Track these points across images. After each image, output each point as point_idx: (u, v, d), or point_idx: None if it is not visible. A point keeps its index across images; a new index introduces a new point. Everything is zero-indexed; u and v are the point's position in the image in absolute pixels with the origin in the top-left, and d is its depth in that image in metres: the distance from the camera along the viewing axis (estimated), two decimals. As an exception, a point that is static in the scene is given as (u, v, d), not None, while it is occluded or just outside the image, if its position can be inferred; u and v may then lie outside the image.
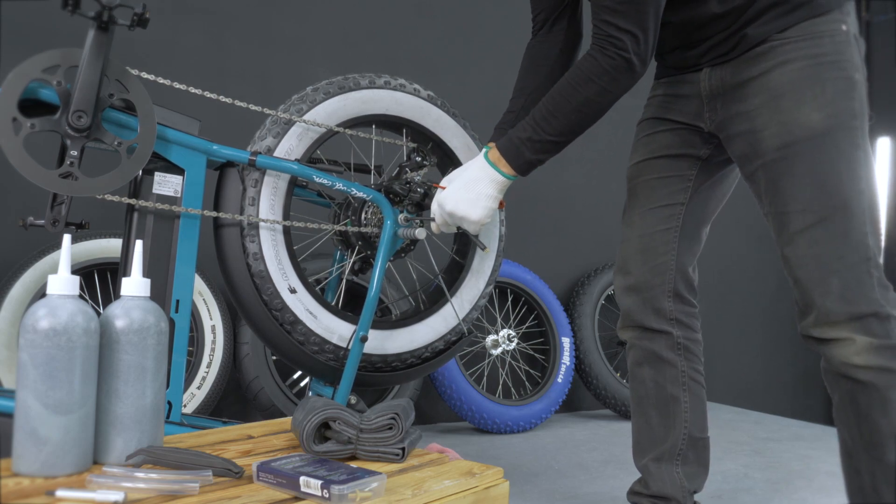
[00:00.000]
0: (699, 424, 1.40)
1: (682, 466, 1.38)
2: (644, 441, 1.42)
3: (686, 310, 1.43)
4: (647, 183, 1.41)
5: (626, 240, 1.45)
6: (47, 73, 1.16)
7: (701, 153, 1.38)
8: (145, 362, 0.95)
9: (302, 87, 1.53)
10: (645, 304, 1.40)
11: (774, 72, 1.20)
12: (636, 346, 1.43)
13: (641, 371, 1.42)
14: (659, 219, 1.40)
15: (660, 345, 1.40)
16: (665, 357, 1.40)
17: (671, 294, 1.40)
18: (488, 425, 2.48)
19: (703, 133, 1.36)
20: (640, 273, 1.40)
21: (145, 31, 2.08)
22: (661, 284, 1.39)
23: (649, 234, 1.40)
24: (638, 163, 1.44)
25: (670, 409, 1.39)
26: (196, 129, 1.35)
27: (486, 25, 2.97)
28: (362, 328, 1.41)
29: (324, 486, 0.85)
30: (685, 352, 1.41)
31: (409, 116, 1.56)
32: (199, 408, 2.01)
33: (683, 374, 1.40)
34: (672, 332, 1.40)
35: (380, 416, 1.07)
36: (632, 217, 1.44)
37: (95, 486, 0.83)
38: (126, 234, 1.31)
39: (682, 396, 1.39)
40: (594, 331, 2.87)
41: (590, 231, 3.23)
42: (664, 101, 1.41)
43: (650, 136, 1.43)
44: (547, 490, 1.83)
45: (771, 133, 1.20)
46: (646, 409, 1.41)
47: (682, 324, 1.41)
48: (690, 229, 1.42)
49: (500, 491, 1.05)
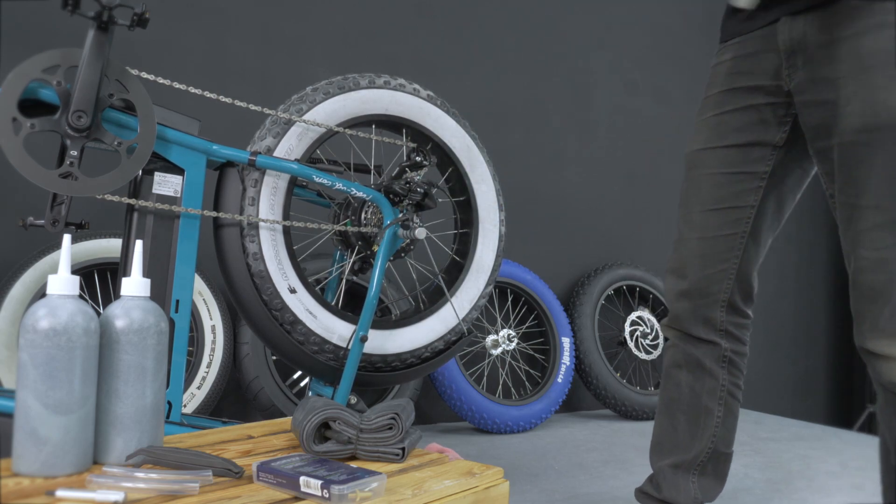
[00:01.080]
0: (727, 439, 1.34)
1: (700, 478, 1.33)
2: (666, 444, 1.35)
3: (738, 321, 1.32)
4: (713, 177, 1.26)
5: (684, 239, 1.31)
6: (47, 73, 1.16)
7: (776, 139, 1.22)
8: (145, 362, 0.95)
9: (302, 87, 1.53)
10: (696, 311, 1.30)
11: (869, 36, 1.05)
12: (678, 347, 1.34)
13: (678, 374, 1.34)
14: (724, 222, 1.26)
15: (704, 353, 1.31)
16: (707, 367, 1.31)
17: (725, 304, 1.29)
18: (488, 425, 2.48)
19: (779, 105, 1.20)
20: (697, 279, 1.29)
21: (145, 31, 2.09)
22: (717, 293, 1.28)
23: (711, 237, 1.27)
24: (702, 149, 1.28)
25: (701, 421, 1.32)
26: (196, 129, 1.35)
27: (486, 25, 2.97)
28: (362, 328, 1.41)
29: (324, 486, 0.85)
30: (729, 365, 1.32)
31: (408, 116, 1.56)
32: (199, 408, 2.01)
33: (723, 388, 1.32)
34: (720, 344, 1.31)
35: (380, 416, 1.07)
36: (692, 215, 1.30)
37: (95, 486, 0.83)
38: (126, 234, 1.31)
39: (716, 410, 1.32)
40: (594, 331, 2.87)
41: (590, 231, 3.23)
42: (734, 65, 1.25)
43: (717, 117, 1.26)
44: (547, 490, 1.83)
45: (853, 110, 1.06)
46: (674, 413, 1.34)
47: (731, 336, 1.32)
48: (761, 234, 1.28)
49: (500, 491, 1.05)
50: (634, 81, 3.40)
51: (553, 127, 3.13)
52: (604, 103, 3.29)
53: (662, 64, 3.49)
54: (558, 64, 3.18)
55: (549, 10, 3.15)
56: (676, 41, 3.58)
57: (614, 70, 3.34)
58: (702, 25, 3.65)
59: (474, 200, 1.65)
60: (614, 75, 3.34)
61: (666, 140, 3.48)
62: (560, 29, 3.18)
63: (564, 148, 3.17)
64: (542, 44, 3.13)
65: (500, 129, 2.97)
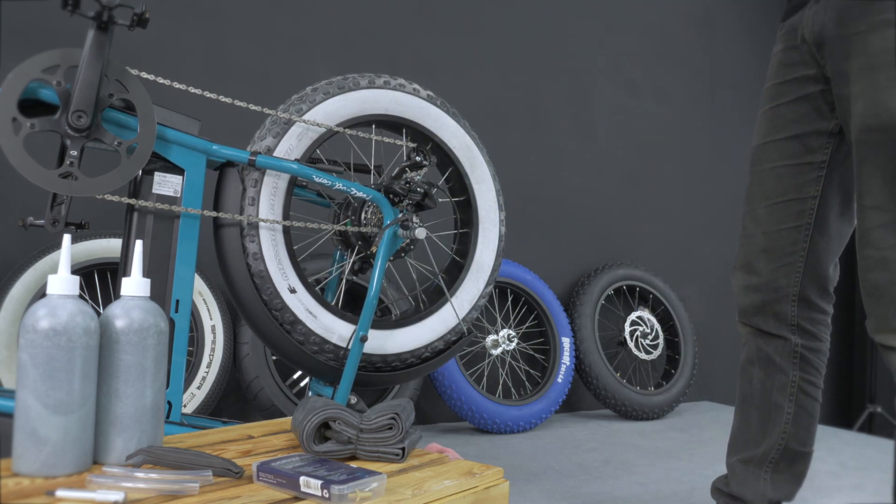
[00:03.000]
0: (801, 438, 1.32)
1: (772, 474, 1.32)
2: (739, 439, 1.37)
3: (813, 316, 1.31)
4: (774, 171, 1.27)
5: (750, 235, 1.32)
6: (47, 73, 1.16)
7: (831, 126, 1.22)
8: (145, 362, 0.95)
9: (302, 87, 1.53)
10: (765, 306, 1.31)
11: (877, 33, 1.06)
12: (750, 343, 1.35)
13: (751, 370, 1.35)
14: (788, 214, 1.26)
15: (774, 349, 1.31)
16: (777, 363, 1.31)
17: (796, 298, 1.28)
18: (488, 425, 2.48)
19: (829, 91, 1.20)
20: (764, 273, 1.29)
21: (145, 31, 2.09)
22: (787, 287, 1.28)
23: (776, 231, 1.27)
24: (763, 144, 1.30)
25: (771, 416, 1.32)
26: (196, 129, 1.35)
27: (486, 25, 2.97)
28: (362, 328, 1.41)
29: (324, 486, 0.85)
30: (801, 361, 1.31)
31: (408, 116, 1.56)
32: (199, 408, 2.01)
33: (793, 384, 1.31)
34: (790, 339, 1.30)
35: (380, 416, 1.07)
36: (757, 210, 1.30)
37: (95, 486, 0.83)
38: (126, 234, 1.31)
39: (786, 406, 1.31)
40: (594, 331, 2.87)
41: (590, 231, 3.23)
42: (783, 56, 1.27)
43: (774, 110, 1.28)
44: (547, 490, 1.83)
45: (859, 109, 1.08)
46: (747, 409, 1.35)
47: (804, 331, 1.31)
48: (828, 224, 1.26)
49: (500, 491, 1.05)
50: (634, 81, 3.40)
51: (553, 127, 3.13)
52: (604, 103, 3.29)
53: (662, 64, 3.49)
54: (558, 64, 3.18)
55: (549, 10, 3.15)
56: (676, 41, 3.58)
57: (614, 70, 3.34)
58: (702, 25, 3.65)
59: (474, 200, 1.65)
60: (614, 75, 3.34)
61: (666, 140, 3.48)
62: (560, 29, 3.18)
63: (564, 148, 3.17)
64: (542, 44, 3.13)
65: (500, 129, 2.97)
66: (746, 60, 3.78)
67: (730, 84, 3.75)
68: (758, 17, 3.77)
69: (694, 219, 3.60)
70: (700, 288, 3.57)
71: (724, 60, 3.71)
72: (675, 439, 2.52)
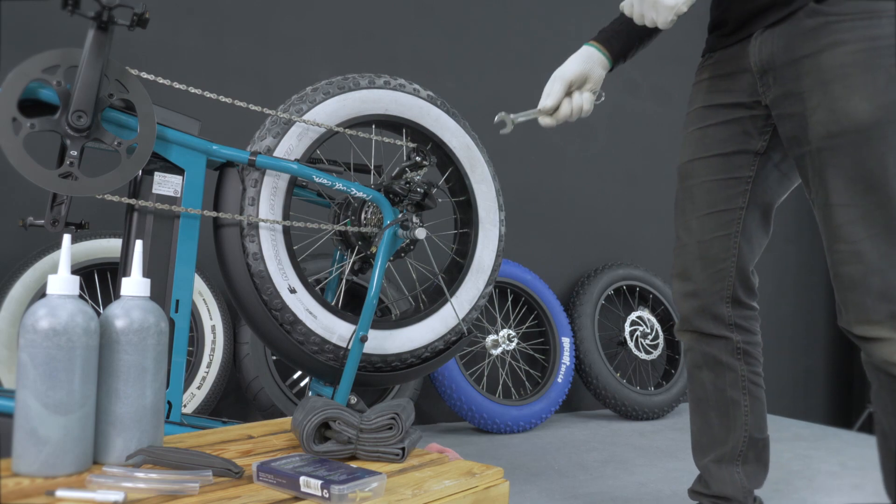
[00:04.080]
0: (759, 425, 1.40)
1: (743, 466, 1.39)
2: (704, 442, 1.42)
3: (745, 314, 1.40)
4: (703, 185, 1.37)
5: (684, 244, 1.41)
6: (47, 73, 1.16)
7: (757, 147, 1.33)
8: (145, 362, 0.95)
9: (302, 87, 1.53)
10: (704, 310, 1.38)
11: (826, 53, 1.15)
12: (694, 349, 1.42)
13: (700, 374, 1.41)
14: (718, 224, 1.36)
15: (719, 349, 1.38)
16: (725, 361, 1.38)
17: (730, 300, 1.37)
18: (488, 425, 2.48)
19: (758, 117, 1.30)
20: (700, 280, 1.38)
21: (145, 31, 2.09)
22: (721, 291, 1.37)
23: (708, 240, 1.37)
24: (691, 161, 1.40)
25: (730, 413, 1.39)
26: (196, 129, 1.35)
27: (486, 25, 2.97)
28: (362, 328, 1.41)
29: (324, 486, 0.85)
30: (745, 356, 1.39)
31: (408, 116, 1.56)
32: (199, 408, 2.01)
33: (743, 378, 1.39)
34: (731, 338, 1.38)
35: (380, 416, 1.07)
36: (689, 221, 1.40)
37: (95, 486, 0.83)
38: (126, 234, 1.31)
39: (742, 400, 1.38)
40: (594, 331, 2.87)
41: (590, 231, 3.23)
42: (712, 84, 1.36)
43: (702, 131, 1.38)
44: (547, 490, 1.83)
45: (819, 119, 1.16)
46: (705, 411, 1.41)
47: (741, 328, 1.39)
48: (752, 231, 1.37)
49: (500, 491, 1.05)
50: (634, 81, 3.40)
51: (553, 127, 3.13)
52: (604, 103, 3.29)
53: (662, 64, 3.49)
54: (558, 64, 3.17)
55: (548, 10, 3.15)
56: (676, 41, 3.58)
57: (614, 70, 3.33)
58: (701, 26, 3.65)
59: (474, 200, 1.65)
60: (614, 75, 3.34)
61: (666, 140, 3.48)
62: (560, 29, 3.18)
63: (564, 148, 3.17)
64: (542, 44, 3.12)
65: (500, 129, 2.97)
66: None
67: (730, 84, 3.75)
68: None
69: (694, 219, 3.60)
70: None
71: (724, 60, 3.71)
72: (675, 439, 2.52)
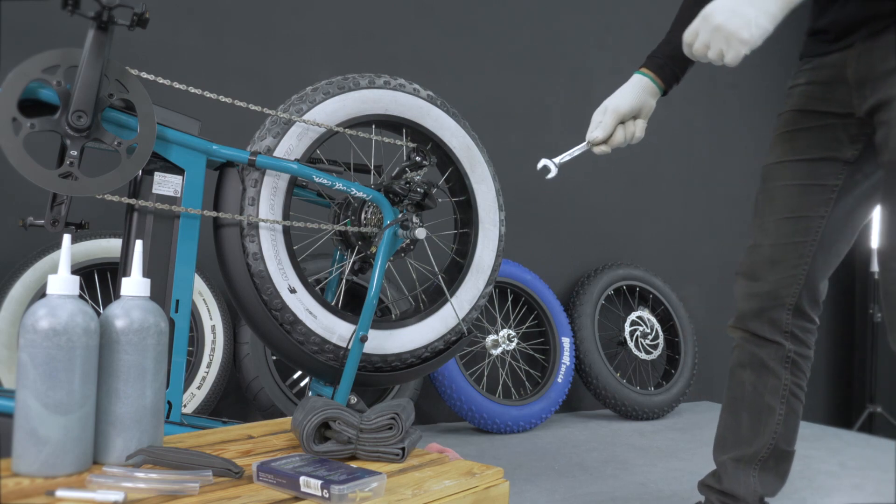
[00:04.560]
0: (788, 438, 1.39)
1: (761, 473, 1.38)
2: (729, 439, 1.42)
3: (804, 325, 1.38)
4: (786, 189, 1.34)
5: (757, 245, 1.38)
6: (47, 73, 1.15)
7: (847, 155, 1.29)
8: (145, 362, 0.95)
9: (302, 87, 1.53)
10: (763, 312, 1.37)
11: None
12: (743, 347, 1.41)
13: (742, 373, 1.40)
14: (796, 230, 1.33)
15: (768, 354, 1.37)
16: (771, 367, 1.37)
17: (792, 307, 1.35)
18: (488, 425, 2.48)
19: (852, 127, 1.28)
20: (767, 282, 1.35)
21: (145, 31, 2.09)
22: (785, 297, 1.35)
23: (783, 244, 1.34)
24: (776, 163, 1.37)
25: (763, 418, 1.38)
26: (196, 129, 1.35)
27: (486, 25, 2.97)
28: (362, 328, 1.41)
29: (324, 486, 0.85)
30: (792, 366, 1.37)
31: (408, 116, 1.56)
32: (199, 408, 2.01)
33: (785, 388, 1.37)
34: (784, 345, 1.36)
35: (380, 416, 1.07)
36: (766, 223, 1.38)
37: (95, 486, 0.83)
38: (126, 234, 1.31)
39: (778, 408, 1.37)
40: (594, 331, 2.87)
41: (590, 231, 3.23)
42: (808, 90, 1.33)
43: (791, 133, 1.35)
44: (547, 490, 1.83)
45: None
46: (737, 410, 1.41)
47: (796, 338, 1.37)
48: (830, 241, 1.34)
49: (500, 491, 1.05)
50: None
51: (553, 127, 3.13)
52: (604, 103, 3.29)
53: (662, 64, 3.48)
54: (558, 64, 3.18)
55: (549, 10, 3.15)
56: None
57: (614, 70, 3.33)
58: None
59: (474, 200, 1.65)
60: (614, 75, 3.34)
61: (666, 140, 3.48)
62: (560, 29, 3.18)
63: (564, 148, 3.17)
64: (542, 44, 3.13)
65: (500, 129, 2.97)
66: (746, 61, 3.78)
67: (730, 84, 3.75)
68: (758, 17, 3.76)
69: (694, 219, 3.60)
70: (700, 288, 3.57)
71: (724, 60, 3.71)
72: (675, 439, 2.52)
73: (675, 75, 1.36)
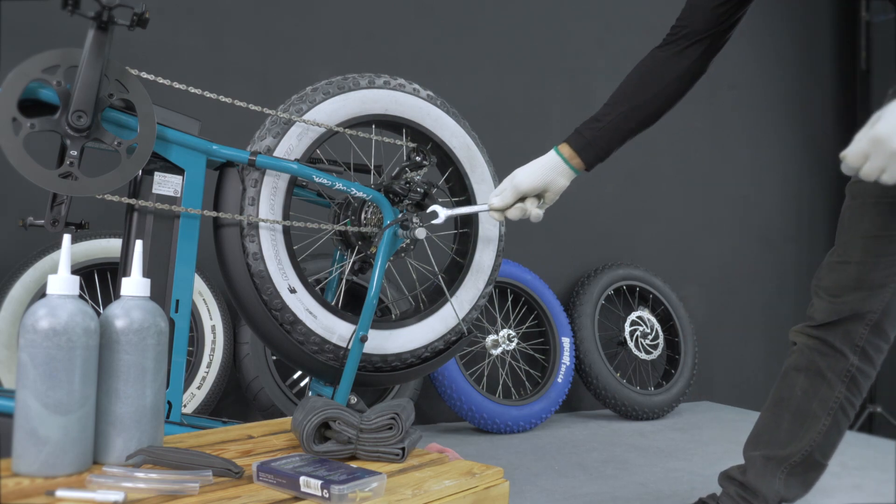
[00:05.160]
0: (825, 450, 1.37)
1: (788, 476, 1.37)
2: (764, 436, 1.41)
3: (879, 344, 1.35)
4: (876, 206, 1.31)
5: (843, 262, 1.35)
6: (47, 73, 1.15)
7: None
8: (145, 362, 0.95)
9: (302, 87, 1.53)
10: (840, 322, 1.34)
11: None
12: (803, 352, 1.38)
13: (796, 377, 1.38)
14: (885, 247, 1.31)
15: (828, 364, 1.35)
16: (828, 378, 1.35)
17: (872, 323, 1.33)
18: (488, 425, 2.48)
19: None
20: (850, 300, 1.33)
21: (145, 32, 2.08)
22: (867, 313, 1.32)
23: (872, 261, 1.31)
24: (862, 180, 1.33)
25: (805, 424, 1.36)
26: (196, 129, 1.35)
27: (485, 25, 2.97)
28: (362, 328, 1.41)
29: (324, 486, 0.85)
30: (851, 381, 1.35)
31: (408, 116, 1.56)
32: (199, 408, 2.01)
33: (836, 400, 1.35)
34: (849, 358, 1.34)
35: (380, 416, 1.07)
36: (854, 240, 1.34)
37: (95, 486, 0.83)
38: (126, 234, 1.31)
39: (822, 418, 1.35)
40: (594, 331, 2.86)
41: (590, 231, 3.23)
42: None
43: None
44: (547, 490, 1.83)
45: None
46: (781, 412, 1.39)
47: (865, 354, 1.34)
48: None
49: (500, 491, 1.05)
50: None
51: (553, 127, 3.13)
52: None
53: (662, 64, 3.48)
54: (558, 64, 3.18)
55: (548, 10, 3.15)
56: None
57: (614, 70, 3.33)
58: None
59: (474, 200, 1.65)
60: (614, 75, 3.34)
61: (666, 140, 3.48)
62: (560, 29, 3.18)
63: (564, 148, 3.17)
64: (542, 44, 3.12)
65: (500, 129, 2.97)
66: (746, 61, 3.78)
67: (730, 84, 3.75)
68: (757, 17, 3.76)
69: (694, 219, 3.60)
70: (700, 288, 3.57)
71: (724, 61, 3.70)
72: (675, 439, 2.52)
73: (599, 156, 1.32)
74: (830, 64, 4.11)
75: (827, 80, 4.09)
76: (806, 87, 4.01)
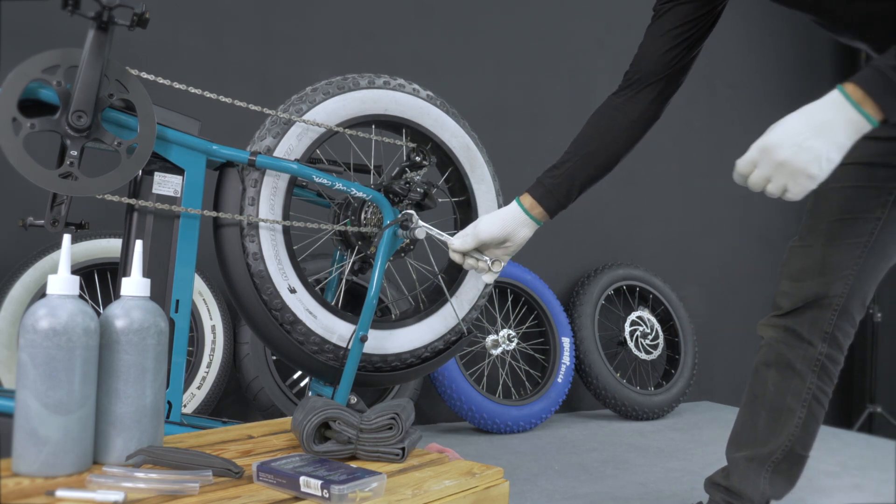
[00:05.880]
0: (804, 442, 1.37)
1: (772, 475, 1.37)
2: (744, 437, 1.41)
3: (847, 329, 1.34)
4: (843, 190, 1.31)
5: (808, 246, 1.36)
6: (47, 73, 1.15)
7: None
8: (145, 362, 0.95)
9: (302, 87, 1.53)
10: (805, 310, 1.34)
11: None
12: (771, 346, 1.38)
13: (766, 373, 1.38)
14: (850, 231, 1.31)
15: (797, 355, 1.34)
16: (797, 369, 1.35)
17: (839, 309, 1.32)
18: (488, 425, 2.48)
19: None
20: (816, 284, 1.32)
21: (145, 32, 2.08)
22: (834, 297, 1.31)
23: (836, 245, 1.31)
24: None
25: (782, 419, 1.36)
26: (196, 130, 1.35)
27: (486, 25, 2.97)
28: (362, 328, 1.41)
29: (324, 486, 0.85)
30: (821, 370, 1.35)
31: (408, 116, 1.56)
32: (199, 408, 2.01)
33: (809, 391, 1.35)
34: (816, 346, 1.33)
35: (380, 416, 1.07)
36: (819, 224, 1.35)
37: (95, 486, 0.83)
38: (126, 234, 1.31)
39: (798, 411, 1.35)
40: (594, 331, 2.87)
41: (590, 231, 3.23)
42: None
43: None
44: (547, 490, 1.83)
45: None
46: (756, 410, 1.39)
47: (834, 341, 1.34)
48: (885, 245, 1.31)
49: (500, 491, 1.05)
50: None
51: (553, 127, 3.13)
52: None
53: (662, 64, 3.48)
54: (558, 64, 3.18)
55: (549, 10, 3.15)
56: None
57: (614, 70, 3.33)
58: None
59: (474, 200, 1.65)
60: (614, 75, 3.34)
61: (666, 140, 3.48)
62: (560, 29, 3.18)
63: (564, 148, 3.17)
64: (542, 44, 3.12)
65: (500, 129, 2.97)
66: (746, 60, 3.78)
67: (729, 84, 3.75)
68: (757, 18, 3.77)
69: (694, 219, 3.60)
70: (700, 288, 3.57)
71: (724, 60, 3.71)
72: (675, 439, 2.52)
73: (561, 203, 1.30)
74: (830, 64, 4.11)
75: (827, 79, 4.09)
76: (805, 86, 4.01)
